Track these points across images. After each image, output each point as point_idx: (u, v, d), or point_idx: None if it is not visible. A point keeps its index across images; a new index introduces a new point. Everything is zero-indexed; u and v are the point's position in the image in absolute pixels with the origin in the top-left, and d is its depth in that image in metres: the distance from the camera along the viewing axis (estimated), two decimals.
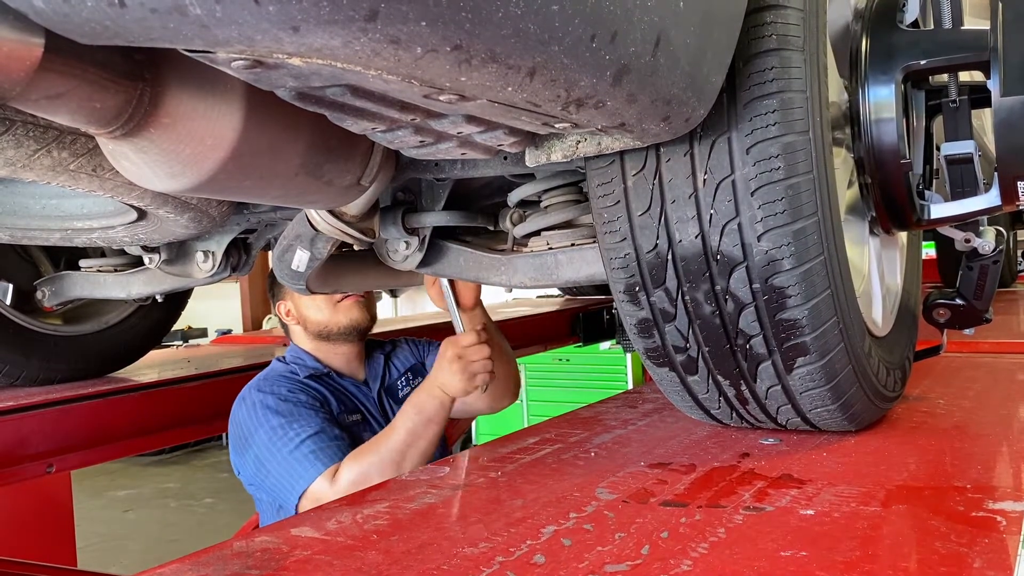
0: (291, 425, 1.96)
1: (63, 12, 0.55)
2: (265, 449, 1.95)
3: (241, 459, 2.02)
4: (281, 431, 1.96)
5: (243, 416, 2.03)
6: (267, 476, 1.94)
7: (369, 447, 1.92)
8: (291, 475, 1.90)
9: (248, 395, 2.08)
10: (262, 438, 1.96)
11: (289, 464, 1.91)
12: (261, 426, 1.98)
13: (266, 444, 1.95)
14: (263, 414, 2.00)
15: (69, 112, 0.78)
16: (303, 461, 1.91)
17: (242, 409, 2.05)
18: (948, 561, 0.85)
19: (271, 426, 1.97)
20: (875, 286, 1.50)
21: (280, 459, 1.92)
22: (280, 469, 1.92)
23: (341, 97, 0.74)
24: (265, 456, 1.95)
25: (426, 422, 1.91)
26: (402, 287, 2.27)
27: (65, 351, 2.55)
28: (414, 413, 1.92)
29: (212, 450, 10.14)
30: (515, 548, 0.96)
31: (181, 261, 1.92)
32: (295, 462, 1.91)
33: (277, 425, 1.97)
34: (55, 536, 3.25)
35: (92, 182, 1.12)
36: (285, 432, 1.95)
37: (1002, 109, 1.20)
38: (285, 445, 1.93)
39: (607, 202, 1.16)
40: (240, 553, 1.00)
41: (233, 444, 2.06)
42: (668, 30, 0.79)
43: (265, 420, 1.98)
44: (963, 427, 1.45)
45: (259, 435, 1.97)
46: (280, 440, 1.94)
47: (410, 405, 1.95)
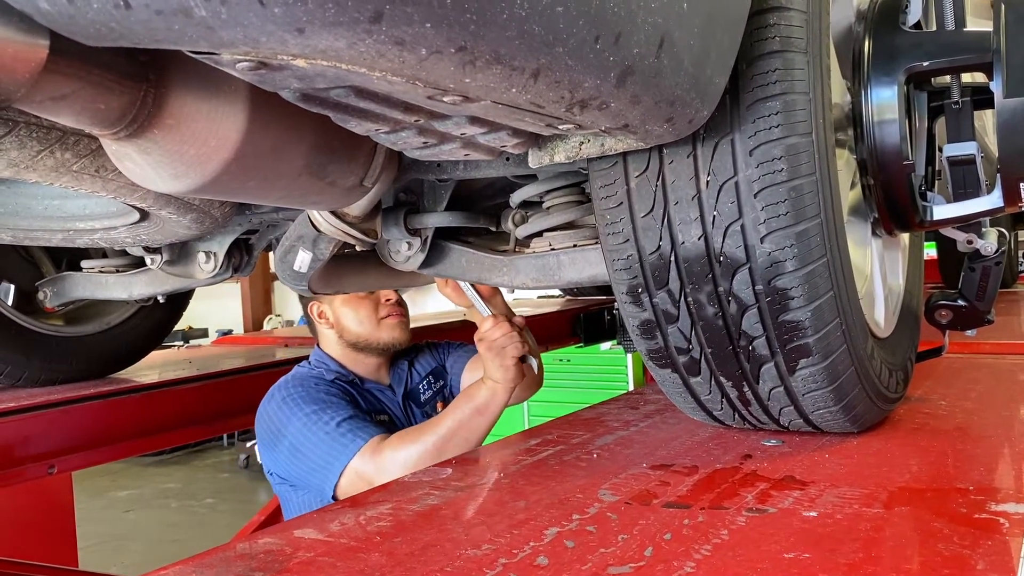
0: (325, 410, 1.94)
1: (68, 13, 0.55)
2: (300, 435, 1.92)
3: (273, 454, 1.99)
4: (315, 416, 1.93)
5: (272, 411, 2.01)
6: (303, 462, 1.91)
7: (415, 430, 1.90)
8: (330, 453, 1.87)
9: (276, 392, 2.06)
10: (296, 426, 1.93)
11: (327, 444, 1.88)
12: (294, 415, 1.95)
13: (300, 430, 1.92)
14: (295, 404, 1.98)
15: (73, 113, 0.78)
16: (341, 439, 1.88)
17: (271, 405, 2.03)
18: (951, 563, 0.85)
19: (304, 413, 1.95)
20: (877, 287, 1.50)
21: (317, 440, 1.90)
22: (318, 450, 1.89)
23: (345, 98, 0.74)
24: (300, 441, 1.92)
25: (473, 412, 1.88)
26: (404, 288, 2.27)
27: (67, 352, 2.55)
28: (464, 402, 1.90)
29: (213, 451, 10.15)
30: (518, 550, 0.95)
31: (183, 262, 1.92)
32: (333, 440, 1.88)
33: (311, 411, 1.95)
34: (56, 537, 3.25)
35: (95, 183, 1.12)
36: (319, 416, 1.93)
37: (1005, 111, 1.20)
38: (321, 428, 1.91)
39: (610, 203, 1.16)
40: (243, 555, 1.00)
41: (263, 442, 2.03)
42: (672, 32, 0.79)
43: (298, 409, 1.96)
44: (965, 428, 1.45)
45: (292, 424, 1.94)
46: (315, 424, 1.92)
47: (462, 395, 1.93)
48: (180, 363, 3.13)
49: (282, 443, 1.95)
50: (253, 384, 2.91)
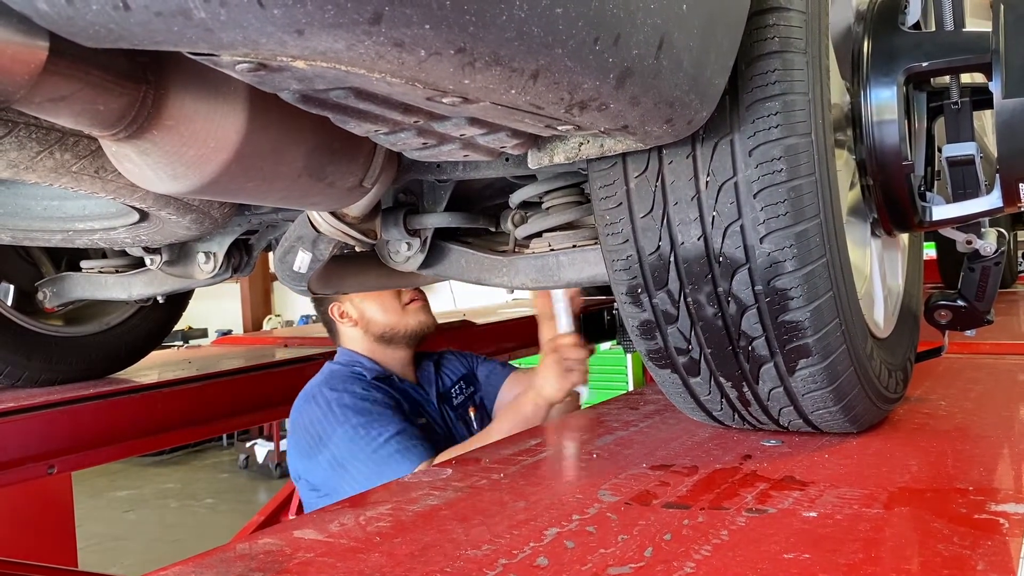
0: (372, 425, 1.92)
1: (67, 15, 0.55)
2: (345, 450, 1.89)
3: (310, 462, 1.95)
4: (363, 430, 1.90)
5: (316, 416, 1.97)
6: (344, 479, 1.88)
7: (464, 447, 1.87)
8: (378, 475, 1.84)
9: (319, 394, 2.02)
10: (340, 439, 1.90)
11: (374, 464, 1.86)
12: (340, 425, 1.92)
13: (346, 444, 1.89)
14: (341, 413, 1.94)
15: (72, 114, 0.78)
16: (389, 460, 1.85)
17: (314, 409, 1.99)
18: (951, 564, 0.85)
19: (351, 425, 1.92)
20: (877, 288, 1.50)
21: (363, 459, 1.87)
22: (364, 469, 1.86)
23: (344, 100, 0.74)
24: (345, 457, 1.89)
25: (523, 422, 1.86)
26: (404, 288, 2.27)
27: (66, 352, 2.56)
28: (513, 414, 1.89)
29: (212, 451, 10.15)
30: (518, 550, 0.96)
31: (182, 262, 1.92)
32: (381, 462, 1.85)
33: (358, 424, 1.92)
34: (56, 536, 3.25)
35: (94, 184, 1.12)
36: (367, 431, 1.90)
37: (1004, 111, 1.20)
38: (368, 444, 1.88)
39: (609, 204, 1.16)
40: (243, 555, 1.00)
41: (299, 447, 1.98)
42: (671, 32, 0.79)
43: (344, 419, 1.93)
44: (965, 429, 1.45)
45: (337, 436, 1.91)
46: (362, 440, 1.89)
47: (510, 408, 1.92)
48: (180, 363, 3.13)
49: (322, 453, 1.92)
50: (253, 384, 2.91)
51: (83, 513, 4.49)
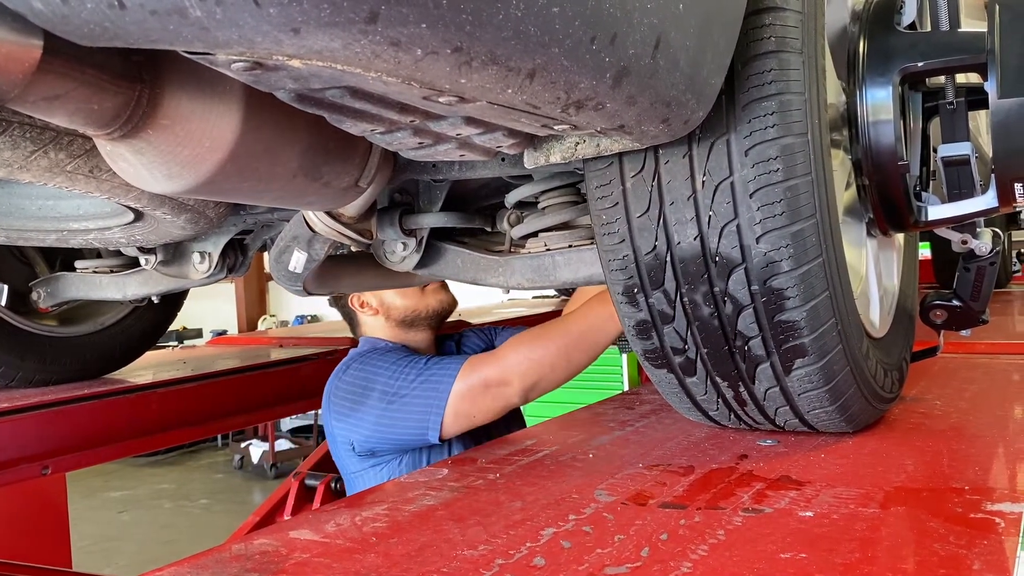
0: (410, 358, 1.92)
1: (62, 13, 0.54)
2: (391, 379, 1.88)
3: (356, 416, 1.92)
4: (403, 362, 1.90)
5: (352, 377, 1.96)
6: (401, 405, 1.86)
7: (537, 331, 1.84)
8: (432, 381, 1.83)
9: (350, 364, 2.02)
10: (384, 376, 1.90)
11: (426, 377, 1.84)
12: (379, 369, 1.92)
13: (391, 376, 1.88)
14: (378, 360, 1.95)
15: (67, 113, 0.77)
16: (439, 366, 1.84)
17: (347, 376, 1.98)
18: (947, 563, 0.85)
19: (391, 362, 1.92)
20: (873, 287, 1.50)
21: (413, 377, 1.86)
22: (418, 385, 1.85)
23: (340, 99, 0.73)
24: (394, 386, 1.87)
25: (608, 316, 1.80)
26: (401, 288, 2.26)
27: (61, 352, 2.55)
28: (598, 303, 1.83)
29: (207, 451, 10.12)
30: (515, 551, 0.95)
31: (177, 262, 1.91)
32: (431, 373, 1.84)
33: (396, 360, 1.92)
34: (50, 537, 3.24)
35: (89, 183, 1.12)
36: (408, 361, 1.90)
37: (999, 111, 1.20)
38: (414, 368, 1.88)
39: (605, 204, 1.16)
40: (239, 556, 1.00)
41: (340, 414, 1.96)
42: (668, 32, 0.79)
43: (383, 363, 1.93)
44: (960, 428, 1.45)
45: (380, 376, 1.90)
46: (406, 367, 1.89)
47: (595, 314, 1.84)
48: (175, 363, 3.12)
49: (369, 397, 1.90)
50: (248, 385, 2.91)
51: (77, 514, 4.47)
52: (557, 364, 1.81)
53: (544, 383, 1.85)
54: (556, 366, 1.82)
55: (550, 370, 1.82)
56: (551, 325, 1.86)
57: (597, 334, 1.83)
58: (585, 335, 1.83)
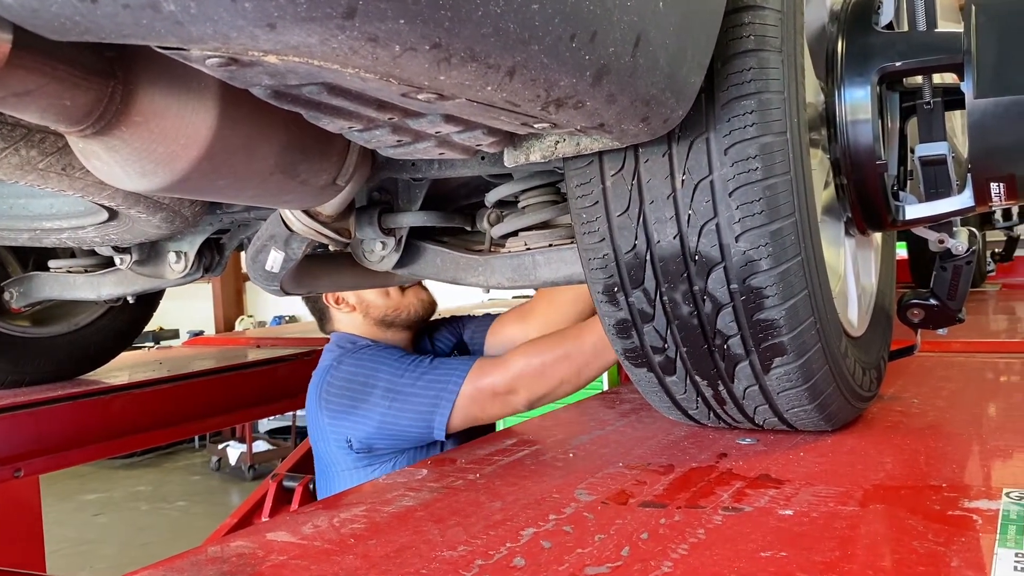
0: (410, 355, 1.91)
1: (32, 7, 0.53)
2: (396, 376, 1.86)
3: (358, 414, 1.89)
4: (406, 359, 1.89)
5: (348, 371, 1.93)
6: (407, 401, 1.84)
7: (550, 341, 1.83)
8: (441, 379, 1.81)
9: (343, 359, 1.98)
10: (387, 372, 1.87)
11: (433, 375, 1.83)
12: (380, 363, 1.90)
13: (394, 373, 1.86)
14: (376, 356, 1.92)
15: (38, 110, 0.76)
16: (446, 364, 1.83)
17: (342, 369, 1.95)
18: (925, 560, 0.86)
19: (393, 358, 1.90)
20: (851, 286, 1.51)
21: (419, 373, 1.84)
22: (424, 381, 1.83)
23: (318, 95, 0.72)
24: (399, 383, 1.85)
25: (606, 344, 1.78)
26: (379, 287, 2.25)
27: (34, 353, 2.51)
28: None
29: (184, 452, 10.04)
30: (494, 551, 0.95)
31: (153, 262, 1.89)
32: (438, 370, 1.83)
33: (398, 357, 1.90)
34: (23, 541, 3.19)
35: (62, 181, 1.10)
36: (411, 358, 1.88)
37: (975, 111, 1.21)
38: (419, 365, 1.86)
39: (585, 202, 1.16)
40: (215, 558, 0.98)
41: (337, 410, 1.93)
42: (648, 30, 0.78)
43: (381, 359, 1.91)
44: (937, 426, 1.46)
45: (382, 372, 1.88)
46: (410, 364, 1.87)
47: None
48: (151, 364, 3.09)
49: (372, 395, 1.87)
50: (225, 385, 2.89)
51: (52, 517, 4.42)
52: (568, 379, 1.81)
53: (552, 396, 1.87)
54: (566, 381, 1.82)
55: (558, 384, 1.83)
56: (566, 337, 1.84)
57: (610, 352, 1.81)
58: (599, 353, 1.82)
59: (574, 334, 1.85)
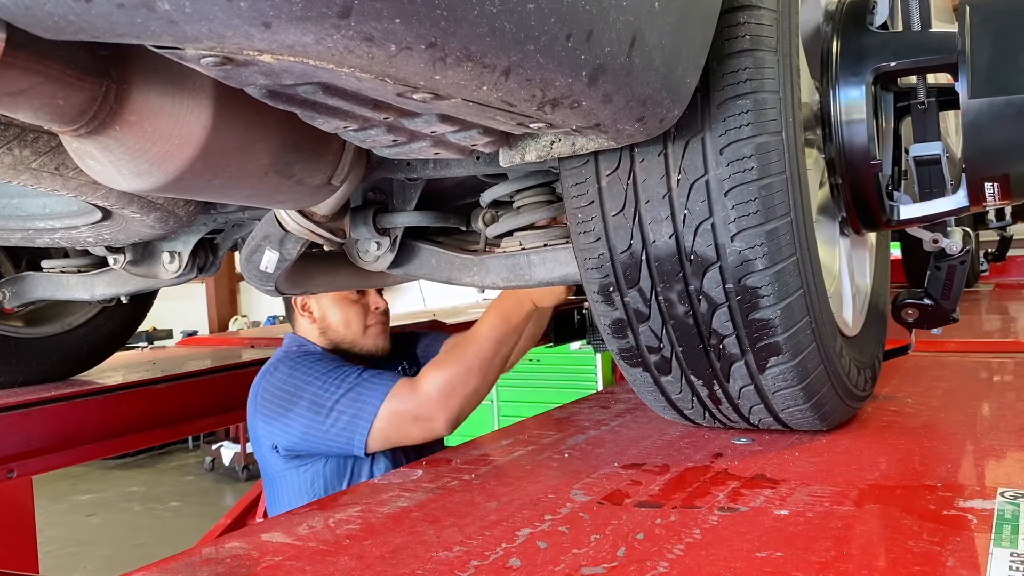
0: (342, 368, 1.92)
1: (25, 6, 0.53)
2: (320, 391, 1.88)
3: (283, 422, 1.92)
4: (335, 372, 1.91)
5: (281, 379, 1.96)
6: (327, 417, 1.86)
7: (451, 355, 1.86)
8: (360, 399, 1.83)
9: (279, 365, 2.01)
10: (315, 385, 1.89)
11: (354, 392, 1.85)
12: (310, 374, 1.92)
13: (321, 387, 1.88)
14: (309, 366, 1.94)
15: (31, 109, 0.76)
16: (367, 383, 1.85)
17: (276, 376, 1.98)
18: (921, 560, 0.86)
19: (322, 371, 1.92)
20: (846, 286, 1.51)
21: (342, 391, 1.86)
22: (345, 400, 1.85)
23: (313, 95, 0.72)
24: (322, 396, 1.87)
25: (512, 331, 1.85)
26: (374, 287, 2.24)
27: (27, 353, 2.50)
28: (500, 321, 1.86)
29: (178, 453, 10.02)
30: (490, 552, 0.95)
31: (147, 262, 1.88)
32: (360, 388, 1.84)
33: (329, 370, 1.92)
34: (16, 542, 3.18)
35: (55, 181, 1.09)
36: (339, 372, 1.90)
37: (970, 111, 1.22)
38: (344, 380, 1.88)
39: (581, 202, 1.16)
40: (209, 560, 0.98)
41: (268, 415, 1.95)
42: (643, 30, 0.78)
43: (312, 370, 1.93)
44: (932, 426, 1.46)
45: (311, 384, 1.90)
46: (337, 378, 1.89)
47: (494, 313, 1.88)
48: (144, 364, 3.08)
49: (298, 405, 1.90)
50: (219, 386, 2.88)
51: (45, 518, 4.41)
52: (478, 387, 1.84)
53: (470, 408, 1.89)
54: (478, 390, 1.85)
55: (472, 394, 1.85)
56: (464, 347, 1.87)
57: (506, 346, 1.86)
58: (498, 351, 1.86)
59: (470, 339, 1.88)
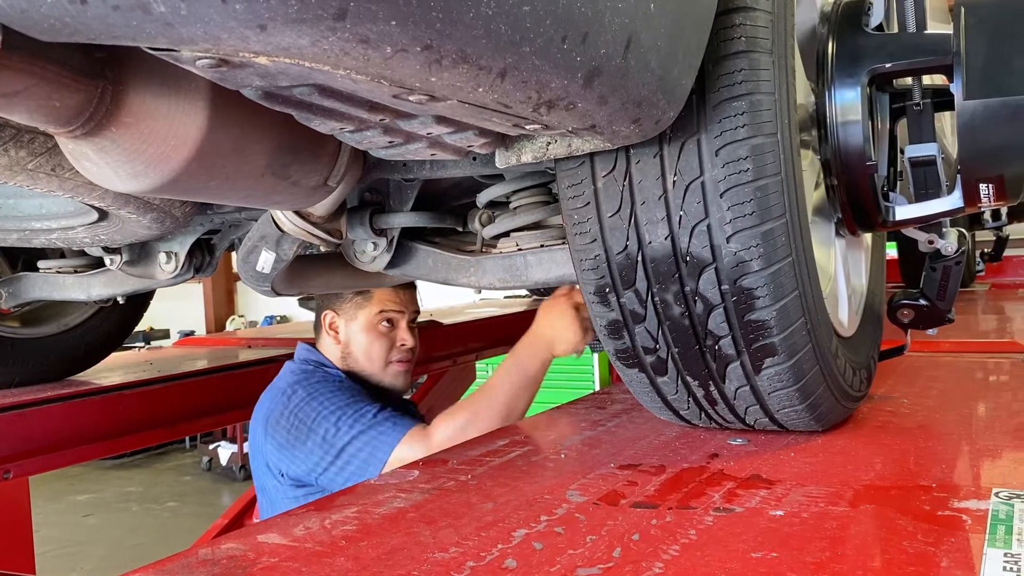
0: (359, 403, 1.92)
1: (21, 8, 0.53)
2: (335, 427, 1.88)
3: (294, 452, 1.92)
4: (351, 408, 1.90)
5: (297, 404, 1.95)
6: (337, 458, 1.86)
7: (466, 405, 1.85)
8: (373, 443, 1.83)
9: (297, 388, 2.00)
10: (330, 421, 1.89)
11: (368, 435, 1.85)
12: (325, 409, 1.92)
13: (335, 423, 1.88)
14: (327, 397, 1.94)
15: (27, 110, 0.76)
16: (380, 425, 1.85)
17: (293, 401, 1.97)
18: (916, 560, 0.86)
19: (339, 404, 1.91)
20: (841, 287, 1.51)
21: (356, 431, 1.86)
22: (359, 442, 1.85)
23: (309, 97, 0.72)
24: (336, 436, 1.87)
25: (529, 383, 1.85)
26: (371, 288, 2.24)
27: (23, 354, 2.50)
28: (517, 372, 1.85)
29: (175, 453, 10.02)
30: (486, 552, 0.95)
31: (143, 262, 1.88)
32: (374, 431, 1.85)
33: (344, 403, 1.92)
34: (12, 543, 3.18)
35: (51, 182, 1.10)
36: (356, 409, 1.90)
37: (965, 112, 1.22)
38: (361, 418, 1.88)
39: (577, 203, 1.16)
40: (206, 561, 0.98)
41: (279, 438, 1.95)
42: (639, 32, 0.78)
43: (329, 402, 1.93)
44: (927, 426, 1.47)
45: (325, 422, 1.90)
46: (352, 416, 1.89)
47: (510, 362, 1.87)
48: (141, 365, 3.08)
49: (310, 439, 1.89)
50: (216, 386, 2.88)
51: (41, 518, 4.40)
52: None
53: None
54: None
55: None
56: (478, 398, 1.87)
57: (520, 400, 1.86)
58: (513, 404, 1.85)
59: (485, 392, 1.89)
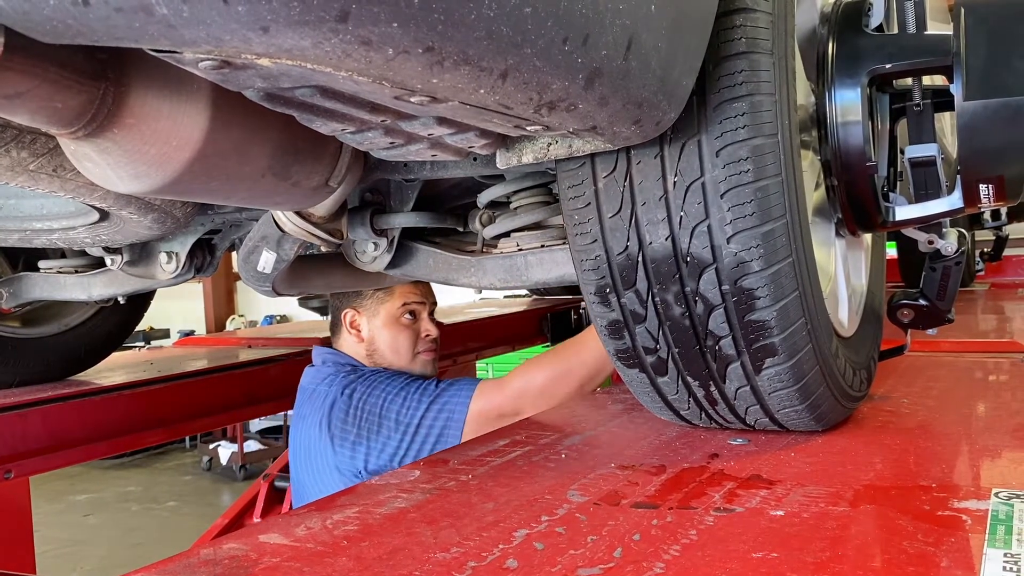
0: (416, 381, 1.96)
1: (23, 10, 0.53)
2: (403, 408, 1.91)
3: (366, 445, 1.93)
4: (412, 387, 1.94)
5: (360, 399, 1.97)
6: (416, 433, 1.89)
7: (550, 357, 1.88)
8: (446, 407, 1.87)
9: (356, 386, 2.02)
10: (396, 406, 1.92)
11: (439, 403, 1.88)
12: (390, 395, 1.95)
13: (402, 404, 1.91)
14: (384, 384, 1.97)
15: (29, 112, 0.76)
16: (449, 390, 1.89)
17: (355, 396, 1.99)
18: (916, 560, 0.86)
19: (399, 386, 1.94)
20: (841, 287, 1.51)
21: (426, 404, 1.89)
22: (431, 412, 1.88)
23: (310, 98, 0.73)
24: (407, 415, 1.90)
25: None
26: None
27: (24, 354, 2.50)
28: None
29: (175, 453, 10.02)
30: (487, 552, 0.95)
31: (144, 262, 1.88)
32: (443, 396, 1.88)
33: (404, 384, 1.95)
34: (13, 543, 3.18)
35: (53, 183, 1.10)
36: (418, 386, 1.93)
37: (965, 113, 1.22)
38: (425, 391, 1.91)
39: (578, 204, 1.16)
40: (207, 561, 0.98)
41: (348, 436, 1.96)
42: (640, 33, 0.79)
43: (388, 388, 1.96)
44: (927, 426, 1.47)
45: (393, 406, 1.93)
46: (417, 392, 1.92)
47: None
48: (141, 365, 3.08)
49: (384, 427, 1.92)
50: (216, 386, 2.88)
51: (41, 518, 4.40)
52: (571, 394, 1.85)
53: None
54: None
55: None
56: (566, 352, 1.88)
57: (609, 365, 1.86)
58: (600, 365, 1.87)
59: (574, 349, 1.89)
